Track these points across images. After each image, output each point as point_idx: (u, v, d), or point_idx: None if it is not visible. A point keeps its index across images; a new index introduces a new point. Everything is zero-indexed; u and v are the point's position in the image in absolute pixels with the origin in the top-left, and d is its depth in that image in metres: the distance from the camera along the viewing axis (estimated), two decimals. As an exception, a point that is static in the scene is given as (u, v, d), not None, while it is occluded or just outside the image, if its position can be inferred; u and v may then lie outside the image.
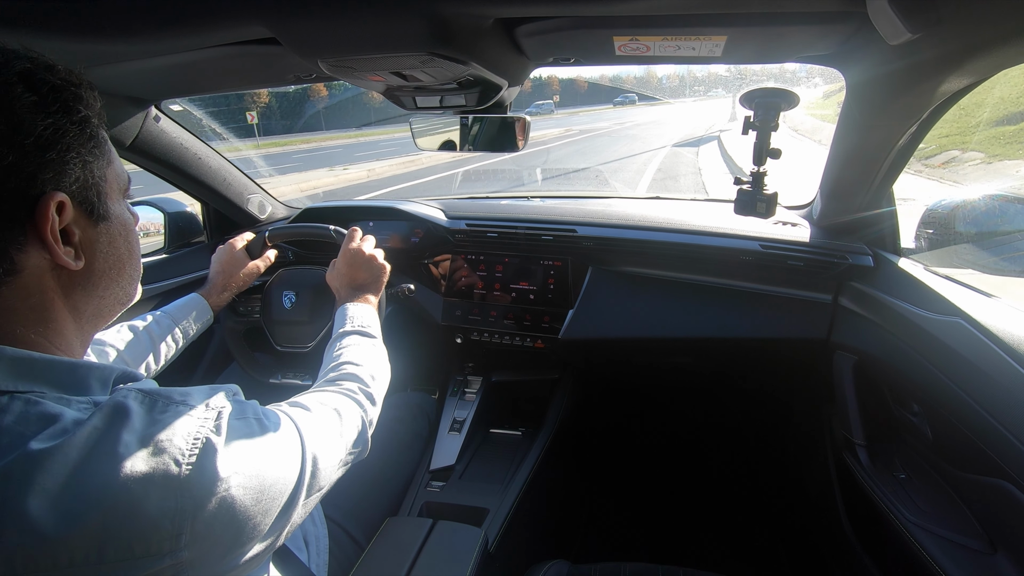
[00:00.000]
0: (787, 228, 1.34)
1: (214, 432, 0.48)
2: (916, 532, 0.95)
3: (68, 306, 0.52)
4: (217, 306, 1.20)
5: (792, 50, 0.90)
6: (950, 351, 0.90)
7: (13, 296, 0.47)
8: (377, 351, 0.95)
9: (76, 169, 0.50)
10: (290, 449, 0.58)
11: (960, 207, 1.09)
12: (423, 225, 1.55)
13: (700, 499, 1.80)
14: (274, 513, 0.53)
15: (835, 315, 1.26)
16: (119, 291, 0.57)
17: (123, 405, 0.46)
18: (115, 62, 1.00)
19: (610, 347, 1.44)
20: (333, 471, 0.66)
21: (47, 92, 0.48)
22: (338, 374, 0.84)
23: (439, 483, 1.26)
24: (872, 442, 1.17)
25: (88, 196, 0.52)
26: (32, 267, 0.47)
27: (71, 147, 0.49)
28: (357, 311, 1.02)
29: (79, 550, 0.40)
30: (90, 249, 0.52)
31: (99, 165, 0.53)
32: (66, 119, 0.49)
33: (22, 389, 0.45)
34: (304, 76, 1.14)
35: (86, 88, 0.52)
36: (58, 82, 0.49)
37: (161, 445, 0.45)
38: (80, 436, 0.43)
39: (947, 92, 0.86)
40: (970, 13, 0.63)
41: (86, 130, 0.51)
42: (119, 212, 0.57)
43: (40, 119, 0.46)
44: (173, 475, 0.44)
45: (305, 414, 0.66)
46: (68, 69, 0.51)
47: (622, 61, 0.96)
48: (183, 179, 1.53)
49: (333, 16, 0.75)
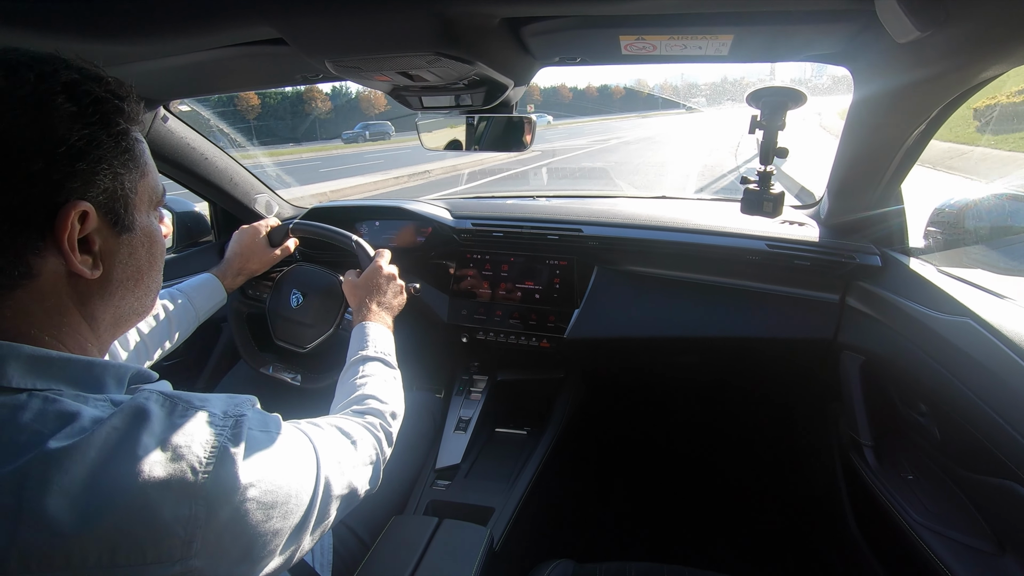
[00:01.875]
0: (794, 227, 1.34)
1: (231, 442, 0.49)
2: (923, 533, 0.94)
3: (85, 313, 0.52)
4: (230, 288, 1.20)
5: (799, 48, 0.90)
6: (959, 351, 0.89)
7: (29, 299, 0.47)
8: (398, 386, 0.94)
9: (106, 180, 0.50)
10: (306, 470, 0.58)
11: (969, 206, 1.08)
12: (429, 224, 1.55)
13: (705, 499, 1.80)
14: (284, 533, 0.53)
15: (842, 315, 1.26)
16: (135, 302, 0.58)
17: (143, 407, 0.47)
18: (124, 63, 1.01)
19: (615, 347, 1.44)
20: (343, 503, 0.66)
21: (88, 103, 0.49)
22: (363, 407, 0.83)
23: (445, 482, 1.27)
24: (879, 443, 1.16)
25: (114, 207, 0.52)
26: (49, 272, 0.48)
27: (103, 158, 0.50)
28: (378, 335, 1.01)
29: (92, 551, 0.40)
30: (110, 259, 0.53)
31: (131, 177, 0.54)
32: (103, 131, 0.50)
33: (40, 387, 0.45)
34: (311, 76, 1.15)
35: (132, 101, 0.53)
36: (103, 94, 0.50)
37: (180, 451, 0.46)
38: (99, 436, 0.43)
39: (957, 90, 0.85)
40: (979, 10, 0.63)
41: (122, 142, 0.52)
42: (145, 224, 0.57)
43: (76, 129, 0.47)
44: (189, 482, 0.45)
45: (324, 439, 0.66)
46: (118, 81, 0.52)
47: (628, 61, 0.96)
48: (191, 178, 1.54)
49: (340, 16, 0.76)
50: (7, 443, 0.41)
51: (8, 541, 0.39)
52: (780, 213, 1.07)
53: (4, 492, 0.39)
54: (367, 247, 1.20)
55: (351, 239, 1.20)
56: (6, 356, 0.45)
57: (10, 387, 0.44)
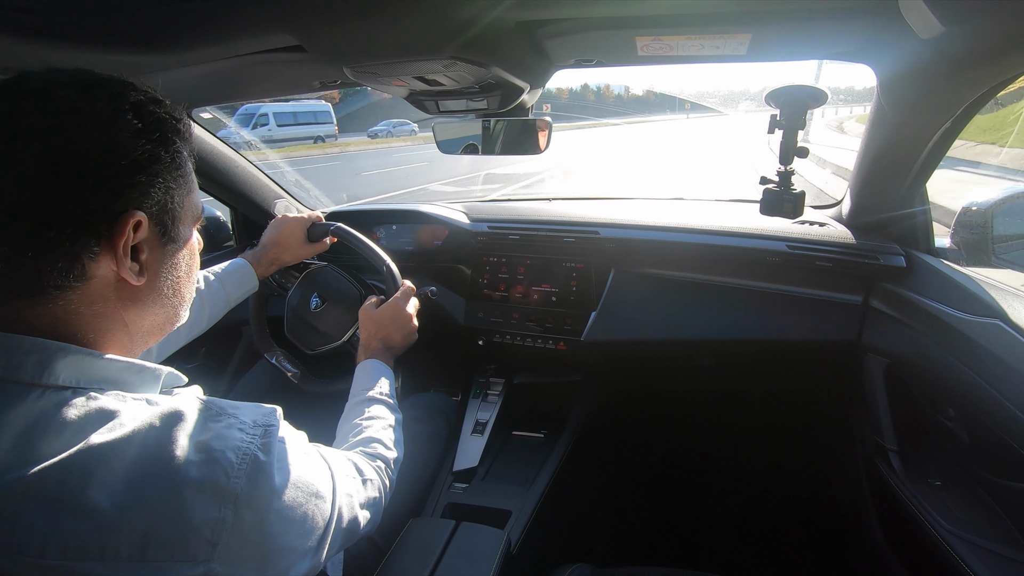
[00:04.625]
0: (815, 228, 1.32)
1: (262, 451, 0.51)
2: (953, 541, 0.92)
3: (127, 318, 0.55)
4: (262, 276, 1.21)
5: (819, 46, 0.89)
6: (988, 354, 0.87)
7: (79, 301, 0.50)
8: (400, 431, 0.94)
9: (159, 193, 0.54)
10: (324, 494, 0.60)
11: (997, 205, 1.05)
12: (446, 228, 1.56)
13: (726, 504, 1.77)
14: (298, 552, 0.55)
15: (866, 317, 1.23)
16: (171, 311, 0.61)
17: (180, 410, 0.50)
18: (147, 73, 1.03)
19: (633, 349, 1.43)
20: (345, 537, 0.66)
21: (152, 122, 0.53)
22: (371, 450, 0.84)
23: (462, 485, 1.27)
24: (905, 448, 1.13)
25: (164, 219, 0.55)
26: (100, 276, 0.51)
27: (159, 173, 0.53)
28: (384, 375, 1.02)
29: (125, 544, 0.43)
30: (154, 268, 0.56)
31: (180, 193, 0.57)
32: (161, 148, 0.53)
33: (83, 385, 0.48)
34: (329, 82, 1.17)
35: (185, 125, 0.58)
36: (163, 116, 0.54)
37: (214, 455, 0.48)
38: (139, 434, 0.46)
39: (984, 86, 0.83)
40: (1005, 4, 0.61)
41: (176, 160, 0.56)
42: (188, 237, 0.60)
43: (140, 144, 0.51)
44: (221, 486, 0.47)
45: (341, 470, 0.68)
46: (173, 106, 0.57)
47: (644, 62, 0.96)
48: (213, 185, 1.57)
49: (357, 23, 0.77)
50: (53, 437, 0.44)
51: (50, 528, 0.41)
52: (801, 213, 1.05)
53: (49, 482, 0.42)
54: (397, 276, 1.19)
55: (384, 264, 1.19)
56: (56, 355, 0.48)
57: (57, 384, 0.47)
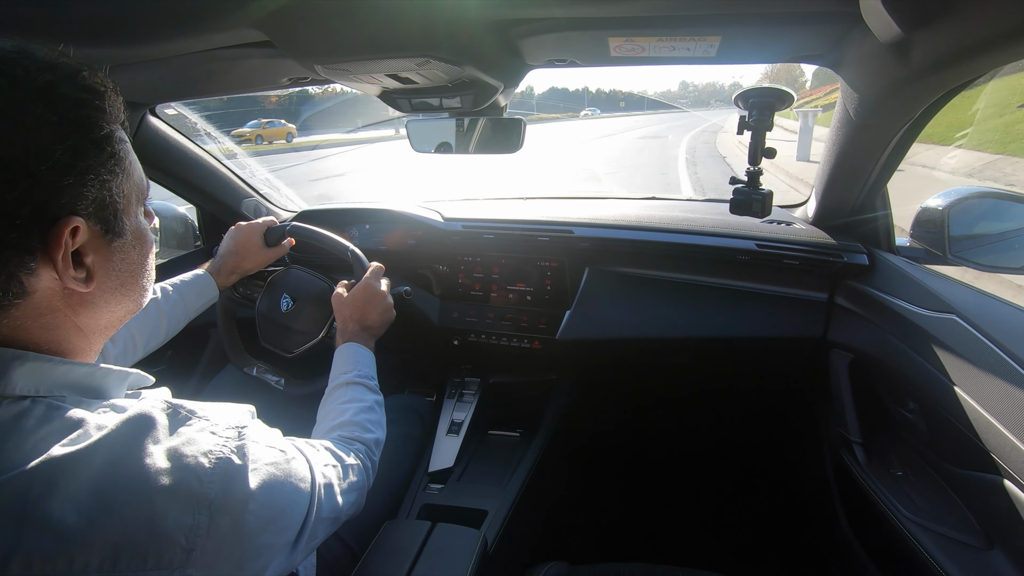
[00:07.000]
0: (783, 227, 1.35)
1: (235, 453, 0.49)
2: (913, 529, 0.95)
3: (78, 324, 0.51)
4: (222, 286, 1.19)
5: (786, 49, 0.91)
6: (946, 348, 0.90)
7: (25, 316, 0.47)
8: (382, 412, 0.93)
9: (94, 190, 0.48)
10: (302, 487, 0.58)
11: (953, 204, 1.10)
12: (420, 227, 1.55)
13: (697, 498, 1.80)
14: (276, 549, 0.53)
15: (831, 313, 1.27)
16: (130, 303, 0.57)
17: (148, 415, 0.47)
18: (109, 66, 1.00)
19: (607, 347, 1.45)
20: (327, 525, 0.66)
21: (67, 109, 0.46)
22: (349, 434, 0.83)
23: (438, 485, 1.26)
24: (869, 440, 1.17)
25: (105, 215, 0.50)
26: (43, 288, 0.47)
27: (89, 169, 0.47)
28: (362, 357, 1.00)
29: (95, 556, 0.41)
30: (103, 268, 0.51)
31: (118, 182, 0.51)
32: (86, 139, 0.47)
33: (43, 394, 0.46)
34: (299, 79, 1.14)
35: (110, 96, 0.50)
36: (81, 96, 0.47)
37: (185, 460, 0.46)
38: (105, 442, 0.44)
39: (940, 90, 0.86)
40: (962, 11, 0.64)
41: (106, 148, 0.49)
42: (134, 226, 0.55)
43: (58, 142, 0.44)
44: (195, 492, 0.45)
45: (319, 460, 0.67)
46: (93, 73, 0.49)
47: (617, 62, 0.96)
48: (177, 183, 1.53)
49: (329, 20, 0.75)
50: (12, 449, 0.42)
51: (13, 544, 0.39)
52: (769, 212, 1.08)
53: (10, 496, 0.40)
54: (362, 258, 1.18)
55: (347, 249, 1.19)
56: (11, 364, 0.45)
57: (14, 394, 0.44)
